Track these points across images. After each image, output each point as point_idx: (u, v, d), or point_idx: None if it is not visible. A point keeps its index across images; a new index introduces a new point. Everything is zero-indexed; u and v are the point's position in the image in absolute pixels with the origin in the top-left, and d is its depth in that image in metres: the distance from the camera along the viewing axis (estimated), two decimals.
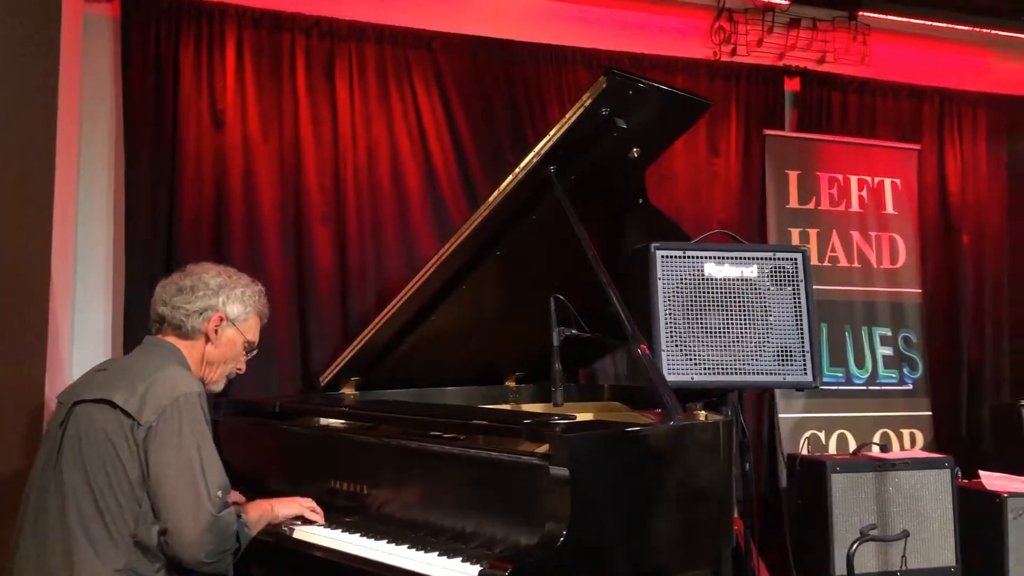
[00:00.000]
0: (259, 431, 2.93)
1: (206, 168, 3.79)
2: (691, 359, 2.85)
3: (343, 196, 3.96)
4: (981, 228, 5.05)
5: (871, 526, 3.37)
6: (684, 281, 2.89)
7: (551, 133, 2.61)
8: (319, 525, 2.35)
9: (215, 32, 3.84)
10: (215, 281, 2.35)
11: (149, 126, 3.72)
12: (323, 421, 2.98)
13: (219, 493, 2.09)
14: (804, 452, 4.43)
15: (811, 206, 4.70)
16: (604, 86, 2.46)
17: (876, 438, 4.49)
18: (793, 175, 4.67)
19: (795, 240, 4.61)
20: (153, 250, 3.69)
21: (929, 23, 4.98)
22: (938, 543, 3.89)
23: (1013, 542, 3.86)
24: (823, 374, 4.39)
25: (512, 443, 2.39)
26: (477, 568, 1.91)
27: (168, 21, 3.76)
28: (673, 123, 2.82)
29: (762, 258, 2.97)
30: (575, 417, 2.41)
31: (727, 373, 2.87)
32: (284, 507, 2.38)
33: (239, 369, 2.44)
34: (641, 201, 3.05)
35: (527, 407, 3.60)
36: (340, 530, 2.28)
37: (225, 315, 2.35)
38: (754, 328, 2.92)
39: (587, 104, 2.51)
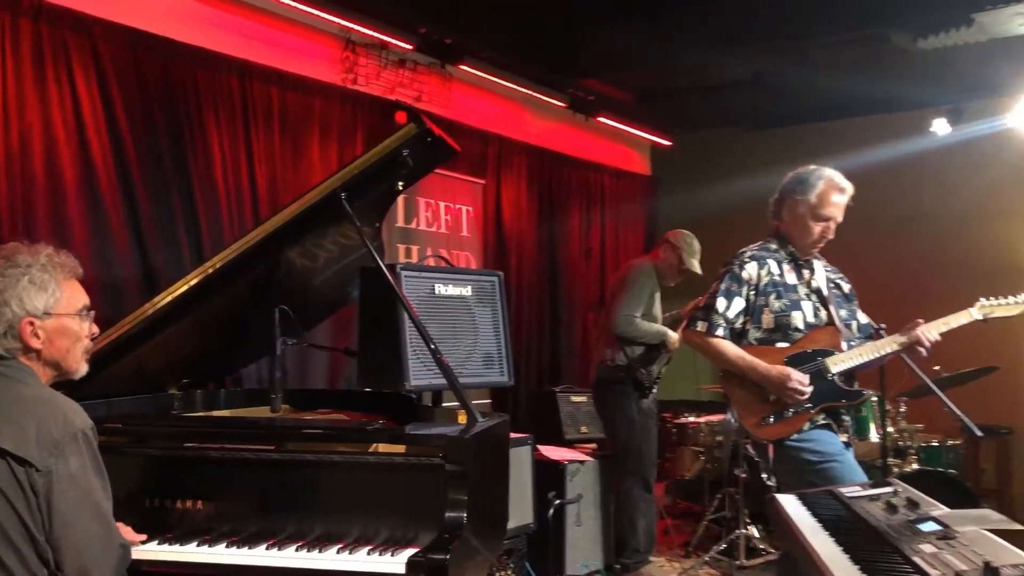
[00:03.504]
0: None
1: None
2: (427, 366, 3.32)
3: None
4: (522, 251, 6.30)
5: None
6: (420, 298, 3.36)
7: (355, 163, 2.85)
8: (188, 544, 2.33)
9: None
10: None
11: None
12: None
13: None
14: None
15: (413, 226, 5.40)
16: (414, 132, 2.82)
17: None
18: (400, 198, 5.31)
19: (402, 255, 5.27)
20: None
21: (492, 79, 6.06)
22: (521, 506, 4.87)
23: (571, 497, 5.03)
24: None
25: (329, 446, 2.63)
26: (406, 555, 2.21)
27: None
28: (434, 164, 3.25)
29: (472, 280, 3.57)
30: (379, 420, 2.77)
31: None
32: None
33: (93, 335, 2.19)
34: (378, 225, 3.42)
35: (220, 413, 3.66)
36: (225, 544, 2.32)
37: (32, 315, 2.02)
38: (468, 338, 3.51)
39: (395, 145, 2.82)
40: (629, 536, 5.19)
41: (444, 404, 3.58)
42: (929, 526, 2.09)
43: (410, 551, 2.26)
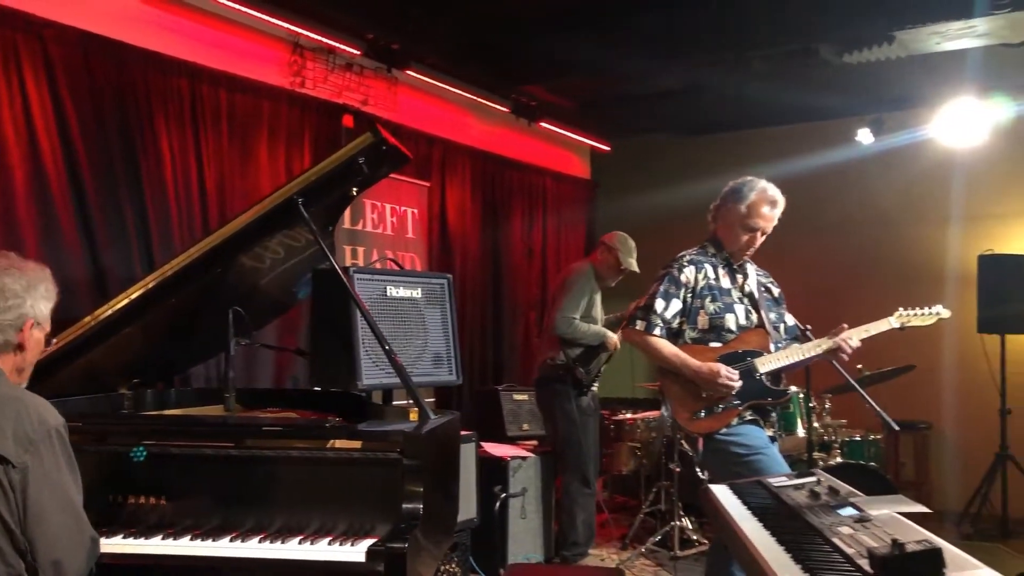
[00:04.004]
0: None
1: None
2: (378, 365, 3.44)
3: None
4: (466, 252, 6.44)
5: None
6: (372, 299, 3.48)
7: (313, 170, 2.95)
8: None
9: None
10: (20, 284, 2.17)
11: None
12: None
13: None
14: None
15: (360, 227, 5.49)
16: (371, 141, 2.93)
17: None
18: None
19: (348, 257, 5.36)
20: None
21: (438, 84, 6.19)
22: (466, 501, 5.01)
23: (514, 491, 5.20)
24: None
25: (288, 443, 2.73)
26: (365, 545, 2.34)
27: None
28: (387, 171, 3.36)
29: (422, 282, 3.70)
30: (337, 418, 2.88)
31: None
32: None
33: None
34: (331, 228, 3.52)
35: (171, 412, 3.72)
36: (190, 537, 2.41)
37: (36, 318, 2.19)
38: (418, 338, 3.64)
39: (352, 153, 2.93)
40: (569, 529, 5.38)
41: (394, 403, 3.71)
42: (847, 511, 2.29)
43: (368, 541, 2.38)
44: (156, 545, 2.40)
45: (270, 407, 3.61)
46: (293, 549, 2.37)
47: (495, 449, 5.35)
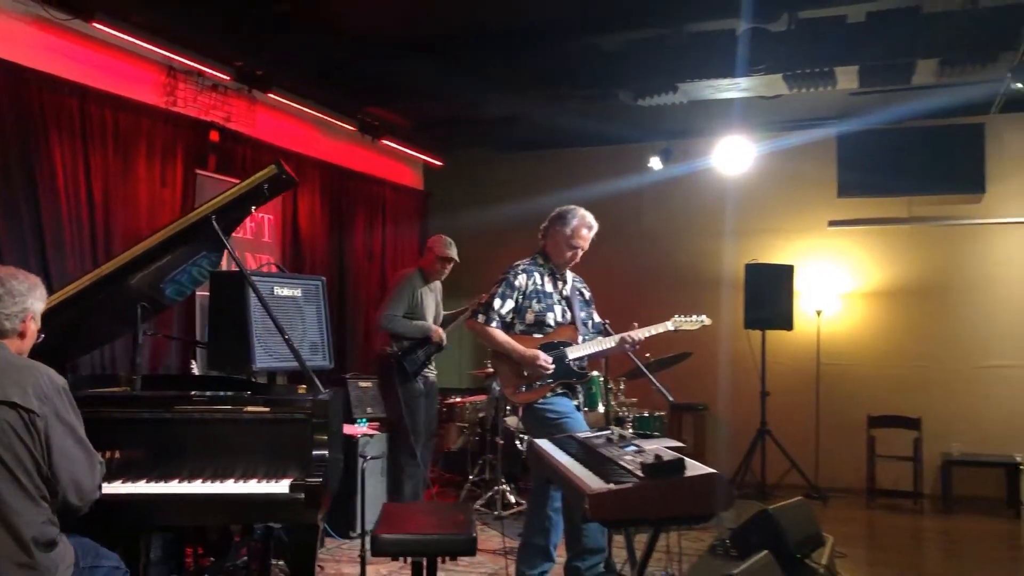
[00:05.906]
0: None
1: None
2: (268, 352, 4.17)
3: None
4: (315, 255, 7.15)
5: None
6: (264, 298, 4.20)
7: (228, 193, 3.63)
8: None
9: None
10: (23, 285, 2.83)
11: None
12: None
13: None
14: None
15: None
16: (274, 172, 3.66)
17: None
18: None
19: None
20: None
21: (292, 104, 6.87)
22: None
23: (362, 463, 5.97)
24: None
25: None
26: (286, 482, 3.13)
27: None
28: (281, 192, 4.07)
29: (301, 283, 4.45)
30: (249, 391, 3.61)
31: (287, 360, 4.27)
32: None
33: None
34: (227, 239, 4.19)
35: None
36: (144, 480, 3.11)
37: (34, 313, 2.84)
38: (299, 330, 4.39)
39: (259, 181, 3.64)
40: (399, 496, 6.24)
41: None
42: (631, 447, 3.33)
43: (287, 480, 3.16)
44: (118, 487, 3.08)
45: (168, 390, 4.21)
46: (231, 486, 3.12)
47: (345, 429, 6.11)
